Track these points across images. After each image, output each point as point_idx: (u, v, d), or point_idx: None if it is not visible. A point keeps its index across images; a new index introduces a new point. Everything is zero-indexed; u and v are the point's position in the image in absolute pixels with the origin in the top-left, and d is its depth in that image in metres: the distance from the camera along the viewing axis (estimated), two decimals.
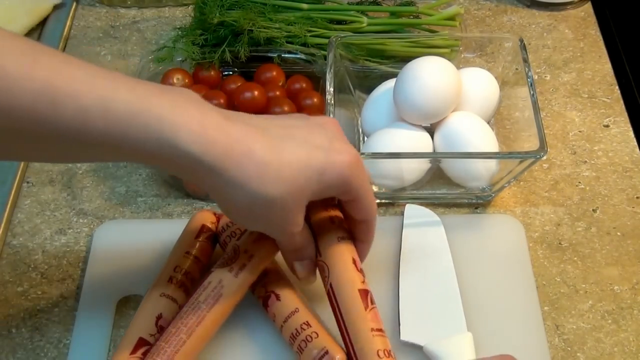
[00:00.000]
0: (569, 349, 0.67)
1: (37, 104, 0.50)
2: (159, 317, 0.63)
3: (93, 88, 0.51)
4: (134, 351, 0.61)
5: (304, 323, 0.64)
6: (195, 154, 0.53)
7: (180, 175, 0.59)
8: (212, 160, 0.53)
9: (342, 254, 0.63)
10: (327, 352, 0.61)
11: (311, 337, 0.62)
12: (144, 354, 0.61)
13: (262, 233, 0.62)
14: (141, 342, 0.62)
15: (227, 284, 0.62)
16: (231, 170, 0.54)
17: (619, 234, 0.76)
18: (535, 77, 0.90)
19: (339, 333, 0.62)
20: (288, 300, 0.65)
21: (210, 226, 0.70)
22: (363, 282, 0.62)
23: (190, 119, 0.53)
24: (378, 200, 0.78)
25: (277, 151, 0.56)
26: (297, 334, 0.63)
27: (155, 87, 0.54)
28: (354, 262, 0.63)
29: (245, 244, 0.64)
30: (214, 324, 0.62)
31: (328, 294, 0.62)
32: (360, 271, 0.63)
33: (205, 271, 0.66)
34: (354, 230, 0.65)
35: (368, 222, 0.64)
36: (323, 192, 0.59)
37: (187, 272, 0.66)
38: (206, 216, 0.70)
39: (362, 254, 0.65)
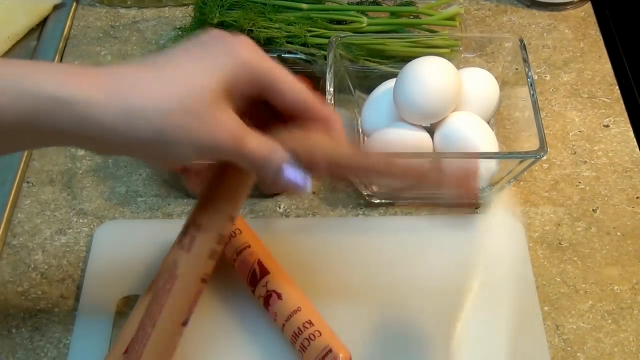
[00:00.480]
0: (569, 349, 0.67)
1: None
2: (204, 279, 0.59)
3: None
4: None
5: (306, 322, 0.63)
6: (73, 97, 0.49)
7: (79, 146, 0.54)
8: (95, 100, 0.50)
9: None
10: (330, 351, 0.61)
11: (314, 336, 0.62)
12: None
13: (208, 196, 0.58)
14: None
15: (182, 262, 0.57)
16: (119, 105, 0.50)
17: (619, 234, 0.76)
18: (535, 77, 0.90)
19: (342, 331, 0.62)
20: (290, 299, 0.65)
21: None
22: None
23: (64, 74, 0.50)
24: (378, 200, 0.78)
25: (154, 69, 0.52)
26: (299, 333, 0.63)
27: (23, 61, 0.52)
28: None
29: (192, 216, 0.59)
30: (178, 311, 0.57)
31: None
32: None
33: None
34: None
35: (311, 111, 0.57)
36: (229, 84, 0.53)
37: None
38: None
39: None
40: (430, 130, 0.78)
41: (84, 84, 0.50)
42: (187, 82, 0.52)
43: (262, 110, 0.57)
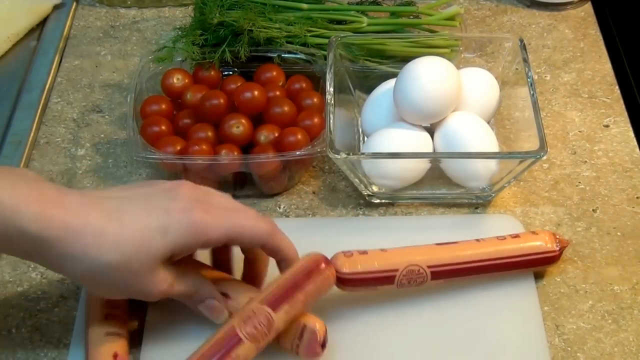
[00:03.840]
0: (569, 349, 0.67)
1: None
2: (115, 355, 0.63)
3: None
4: None
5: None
6: (35, 232, 0.55)
7: (26, 258, 0.61)
8: (51, 236, 0.56)
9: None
10: (305, 326, 0.62)
11: None
12: None
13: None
14: None
15: None
16: (70, 244, 0.56)
17: (619, 234, 0.76)
18: (535, 77, 0.90)
19: (341, 331, 0.62)
20: (238, 295, 0.65)
21: None
22: None
23: (29, 198, 0.56)
24: (378, 200, 0.78)
25: (114, 218, 0.58)
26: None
27: None
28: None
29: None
30: None
31: None
32: None
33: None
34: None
35: (271, 255, 0.65)
36: (178, 249, 0.59)
37: (117, 304, 0.66)
38: None
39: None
40: (430, 130, 0.78)
41: (57, 223, 0.56)
42: (140, 245, 0.58)
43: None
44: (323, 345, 0.63)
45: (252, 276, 0.68)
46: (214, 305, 0.64)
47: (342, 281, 0.66)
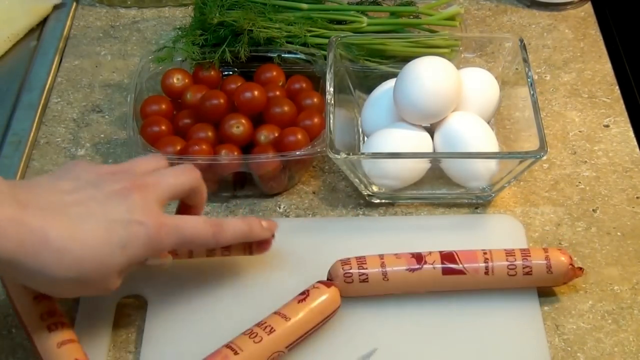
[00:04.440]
0: (569, 349, 0.67)
1: None
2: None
3: None
4: None
5: None
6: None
7: None
8: (7, 254, 0.55)
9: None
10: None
11: None
12: None
13: None
14: None
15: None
16: (28, 261, 0.56)
17: (619, 234, 0.76)
18: (535, 77, 0.90)
19: (341, 331, 0.62)
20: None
21: None
22: None
23: None
24: (378, 200, 0.78)
25: (74, 234, 0.58)
26: None
27: None
28: None
29: None
30: None
31: None
32: None
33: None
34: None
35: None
36: (134, 262, 0.61)
37: (53, 311, 0.65)
38: None
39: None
40: (430, 130, 0.78)
41: (13, 242, 0.55)
42: (99, 262, 0.59)
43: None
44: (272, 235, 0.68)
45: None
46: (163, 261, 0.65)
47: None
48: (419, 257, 0.68)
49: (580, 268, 0.69)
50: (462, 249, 0.69)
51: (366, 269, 0.67)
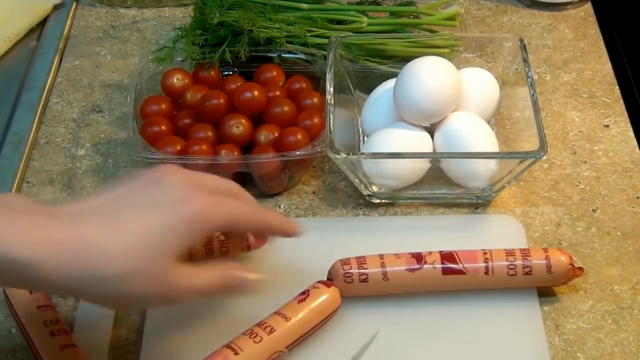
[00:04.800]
0: (569, 349, 0.67)
1: None
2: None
3: None
4: None
5: None
6: (28, 260, 0.51)
7: (28, 288, 0.58)
8: (50, 263, 0.51)
9: None
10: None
11: None
12: None
13: None
14: None
15: None
16: (75, 267, 0.52)
17: (619, 234, 0.76)
18: (535, 77, 0.90)
19: (341, 331, 0.62)
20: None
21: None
22: None
23: (17, 227, 0.51)
24: (378, 200, 0.78)
25: (113, 228, 0.54)
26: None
27: None
28: None
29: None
30: None
31: None
32: None
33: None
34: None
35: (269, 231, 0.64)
36: (183, 245, 0.55)
37: (56, 320, 0.66)
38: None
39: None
40: (430, 130, 0.78)
41: (51, 248, 0.51)
42: (147, 250, 0.53)
43: None
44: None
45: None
46: (248, 281, 0.60)
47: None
48: (419, 257, 0.68)
49: (580, 268, 0.69)
50: (462, 249, 0.69)
51: (366, 269, 0.67)
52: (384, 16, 0.90)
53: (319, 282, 0.67)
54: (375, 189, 0.78)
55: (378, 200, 0.79)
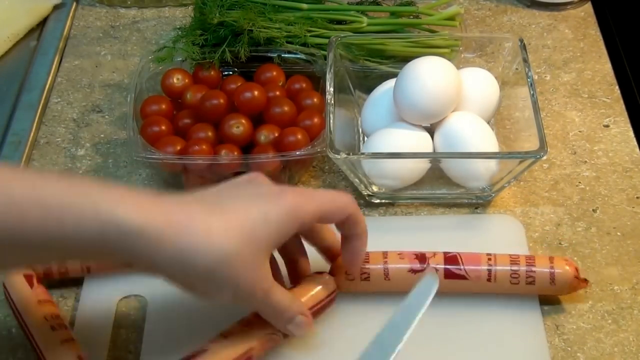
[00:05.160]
0: (569, 349, 0.67)
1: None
2: (80, 358, 0.64)
3: (24, 182, 0.52)
4: None
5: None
6: (137, 227, 0.52)
7: (126, 262, 0.59)
8: (156, 231, 0.53)
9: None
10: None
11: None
12: None
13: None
14: None
15: None
16: (177, 240, 0.53)
17: (619, 234, 0.76)
18: (535, 77, 0.90)
19: (343, 331, 0.62)
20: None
21: (29, 272, 0.69)
22: None
23: (125, 198, 0.53)
24: (378, 200, 0.78)
25: (217, 211, 0.56)
26: None
27: (86, 177, 0.55)
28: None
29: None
30: None
31: None
32: None
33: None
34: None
35: (356, 235, 0.64)
36: (282, 236, 0.58)
37: (56, 315, 0.66)
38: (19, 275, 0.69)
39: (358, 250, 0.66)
40: (430, 130, 0.78)
41: (160, 219, 0.53)
42: (248, 234, 0.56)
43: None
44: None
45: (295, 275, 0.67)
46: (305, 323, 0.62)
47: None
48: (422, 258, 0.68)
49: (585, 280, 0.68)
50: (462, 249, 0.69)
51: (368, 267, 0.67)
52: (384, 16, 0.90)
53: (313, 273, 0.67)
54: (375, 189, 0.78)
55: (378, 200, 0.79)
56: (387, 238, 0.74)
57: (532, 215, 0.77)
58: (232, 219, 0.56)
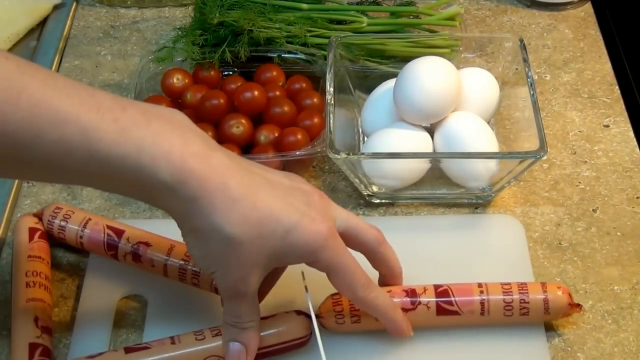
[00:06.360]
0: (569, 349, 0.67)
1: (19, 134, 0.51)
2: (36, 319, 0.64)
3: (77, 119, 0.52)
4: (30, 356, 0.63)
5: (185, 255, 0.67)
6: (170, 183, 0.53)
7: (155, 205, 0.59)
8: (185, 189, 0.54)
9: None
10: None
11: None
12: (42, 354, 0.63)
13: None
14: (33, 346, 0.63)
15: None
16: (201, 200, 0.54)
17: (619, 234, 0.76)
18: (535, 77, 0.90)
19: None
20: (158, 243, 0.68)
21: (36, 226, 0.71)
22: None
23: (171, 149, 0.54)
24: (378, 200, 0.78)
25: (251, 192, 0.56)
26: (185, 266, 0.67)
27: (142, 114, 0.54)
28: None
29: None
30: None
31: None
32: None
33: (50, 266, 0.70)
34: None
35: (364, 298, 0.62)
36: (285, 256, 0.58)
37: (38, 272, 0.67)
38: (27, 220, 0.72)
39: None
40: (430, 130, 0.78)
41: (196, 178, 0.54)
42: (261, 231, 0.56)
43: None
44: None
45: (387, 275, 0.66)
46: (236, 352, 0.61)
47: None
48: (412, 293, 0.65)
49: (579, 305, 0.67)
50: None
51: (358, 309, 0.65)
52: (384, 16, 0.90)
53: (293, 311, 0.65)
54: (375, 189, 0.78)
55: (378, 200, 0.79)
56: (387, 238, 0.73)
57: (532, 215, 0.77)
58: (259, 210, 0.56)
